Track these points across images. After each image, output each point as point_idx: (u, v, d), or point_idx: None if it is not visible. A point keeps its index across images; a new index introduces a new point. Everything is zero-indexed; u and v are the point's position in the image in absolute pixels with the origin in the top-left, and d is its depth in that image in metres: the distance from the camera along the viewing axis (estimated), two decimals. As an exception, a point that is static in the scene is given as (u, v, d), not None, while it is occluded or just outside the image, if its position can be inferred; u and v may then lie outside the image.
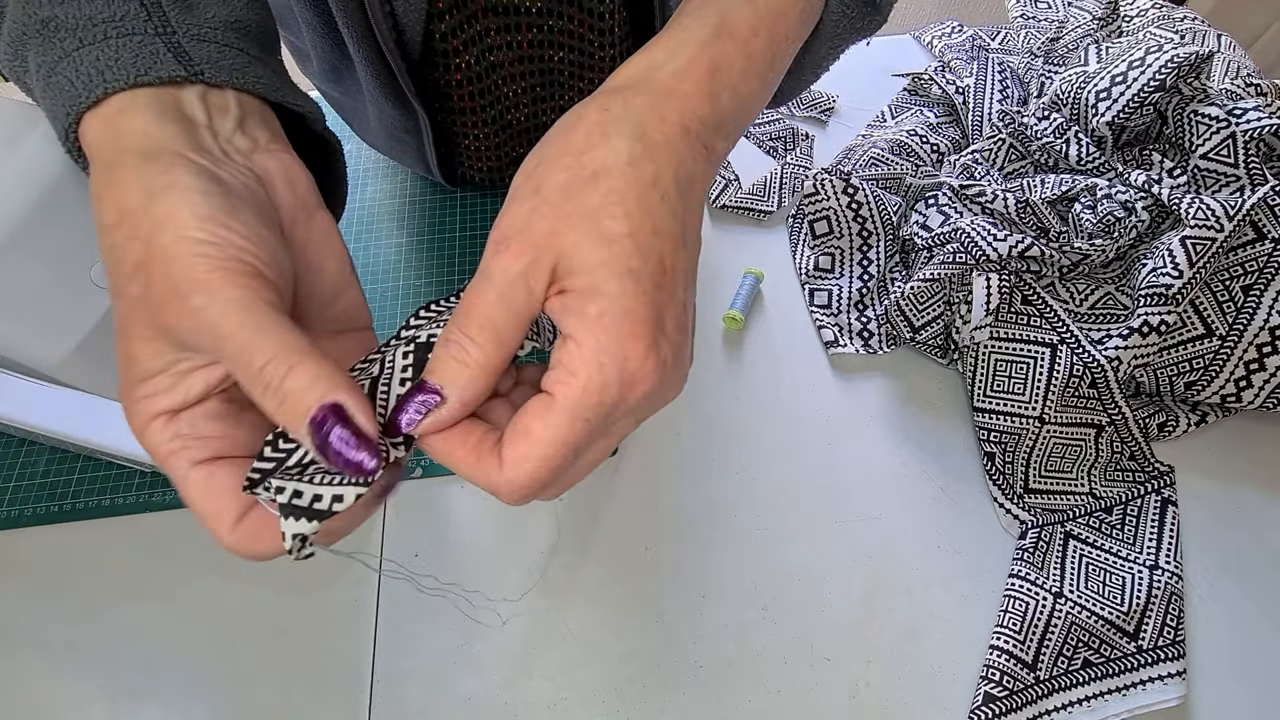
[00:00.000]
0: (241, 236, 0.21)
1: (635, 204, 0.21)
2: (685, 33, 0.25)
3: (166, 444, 0.21)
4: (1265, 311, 0.45)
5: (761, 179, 0.58)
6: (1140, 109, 0.50)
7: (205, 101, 0.24)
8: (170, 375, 0.21)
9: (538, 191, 0.22)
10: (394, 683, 0.40)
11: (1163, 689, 0.39)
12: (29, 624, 0.41)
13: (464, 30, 0.42)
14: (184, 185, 0.21)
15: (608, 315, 0.20)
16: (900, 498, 0.46)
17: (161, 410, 0.21)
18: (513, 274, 0.21)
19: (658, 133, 0.22)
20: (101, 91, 0.22)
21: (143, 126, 0.22)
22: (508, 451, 0.21)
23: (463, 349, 0.21)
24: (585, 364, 0.20)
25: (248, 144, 0.24)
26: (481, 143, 0.50)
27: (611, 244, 0.21)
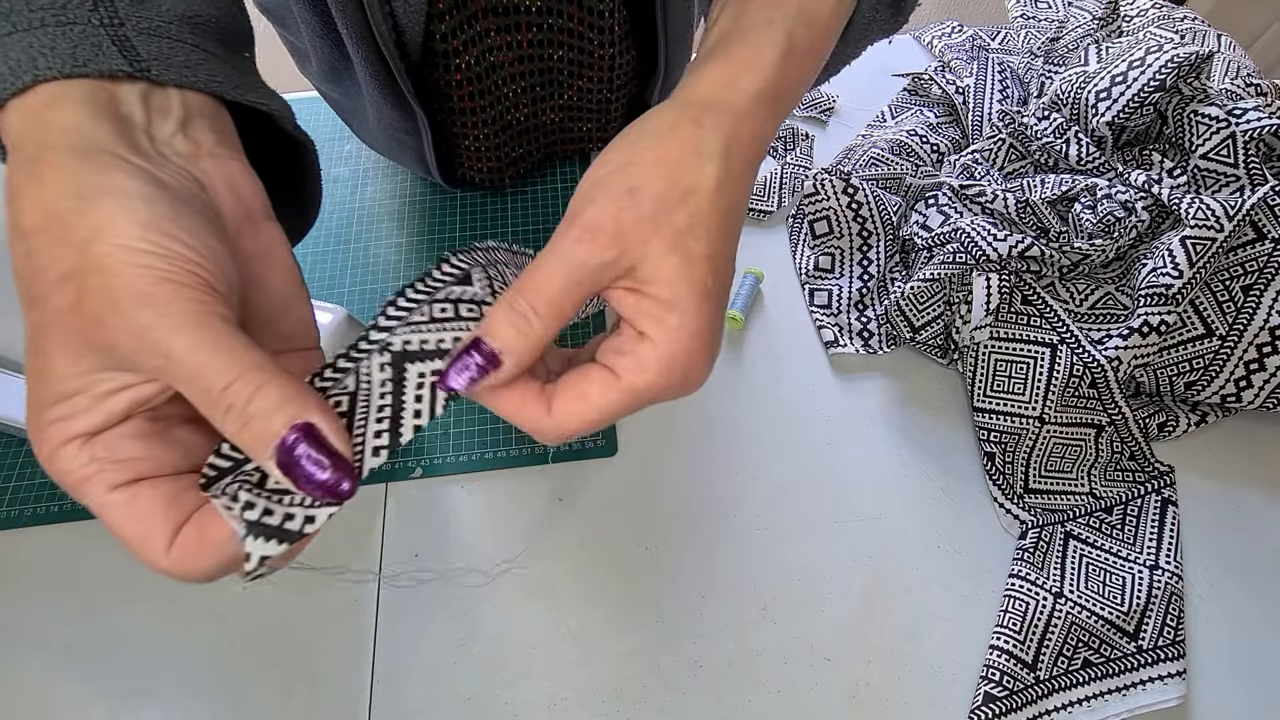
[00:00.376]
0: (187, 246, 0.19)
1: (716, 230, 0.23)
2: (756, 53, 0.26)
3: (81, 469, 0.19)
4: (1265, 311, 0.45)
5: (761, 179, 0.58)
6: (1140, 109, 0.50)
7: (145, 102, 0.22)
8: (90, 395, 0.19)
9: (633, 194, 0.23)
10: (394, 683, 0.40)
11: (1163, 689, 0.39)
12: (29, 624, 0.41)
13: (464, 30, 0.42)
14: (123, 189, 0.19)
15: (685, 328, 0.23)
16: (900, 498, 0.46)
17: (77, 433, 0.19)
18: (593, 265, 0.22)
19: (738, 160, 0.24)
20: (30, 78, 0.20)
21: (74, 122, 0.20)
22: (559, 405, 0.23)
23: (528, 322, 0.22)
24: (657, 364, 0.23)
25: (189, 148, 0.23)
26: (481, 143, 0.50)
27: (694, 264, 0.23)
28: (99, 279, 0.18)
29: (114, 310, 0.18)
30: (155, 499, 0.20)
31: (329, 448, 0.20)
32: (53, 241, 0.19)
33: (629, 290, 0.23)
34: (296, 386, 0.20)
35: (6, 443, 0.46)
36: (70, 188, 0.19)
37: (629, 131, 0.25)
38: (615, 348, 0.24)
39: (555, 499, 0.45)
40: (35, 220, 0.19)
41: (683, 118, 0.24)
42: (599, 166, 0.24)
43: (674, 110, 0.25)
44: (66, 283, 0.19)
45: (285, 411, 0.19)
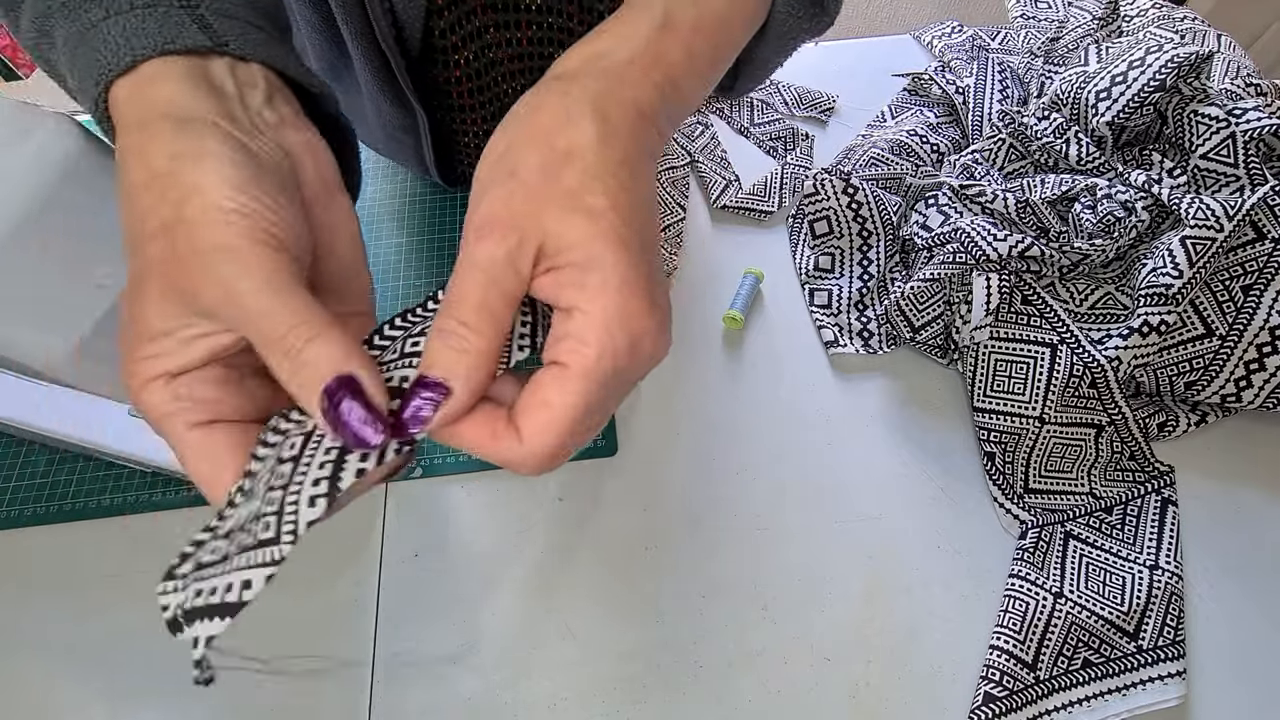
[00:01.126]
0: (269, 209, 0.21)
1: (613, 181, 0.22)
2: (630, 27, 0.26)
3: (165, 405, 0.21)
4: (1265, 311, 0.45)
5: (761, 179, 0.58)
6: (1140, 109, 0.50)
7: (234, 74, 0.24)
8: (176, 339, 0.21)
9: (514, 175, 0.22)
10: (394, 683, 0.40)
11: (1163, 689, 0.39)
12: (29, 624, 0.41)
13: (462, 26, 0.42)
14: (216, 153, 0.21)
15: (609, 284, 0.21)
16: (900, 498, 0.46)
17: (162, 371, 0.21)
18: (500, 257, 0.21)
19: (616, 114, 0.24)
20: (131, 59, 0.22)
21: (173, 94, 0.22)
22: (526, 424, 0.21)
23: (462, 338, 0.21)
24: (595, 331, 0.21)
25: (275, 119, 0.25)
26: (480, 140, 0.50)
27: (598, 218, 0.22)
28: (188, 230, 0.20)
29: (200, 260, 0.20)
30: (226, 442, 0.22)
31: (368, 400, 0.21)
32: (153, 197, 0.21)
33: (545, 272, 0.22)
34: (349, 341, 0.21)
35: (6, 443, 0.46)
36: (170, 150, 0.21)
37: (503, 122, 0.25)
38: (553, 338, 0.22)
39: (555, 499, 0.45)
40: (140, 178, 0.21)
41: (548, 91, 0.24)
42: (481, 163, 0.24)
43: (539, 89, 0.25)
44: (162, 233, 0.21)
45: (334, 361, 0.20)
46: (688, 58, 0.27)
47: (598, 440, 0.47)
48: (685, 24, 0.26)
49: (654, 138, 0.25)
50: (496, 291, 0.21)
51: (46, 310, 0.31)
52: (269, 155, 0.23)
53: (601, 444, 0.47)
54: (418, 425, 0.21)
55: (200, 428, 0.22)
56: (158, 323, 0.21)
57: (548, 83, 0.25)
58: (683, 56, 0.26)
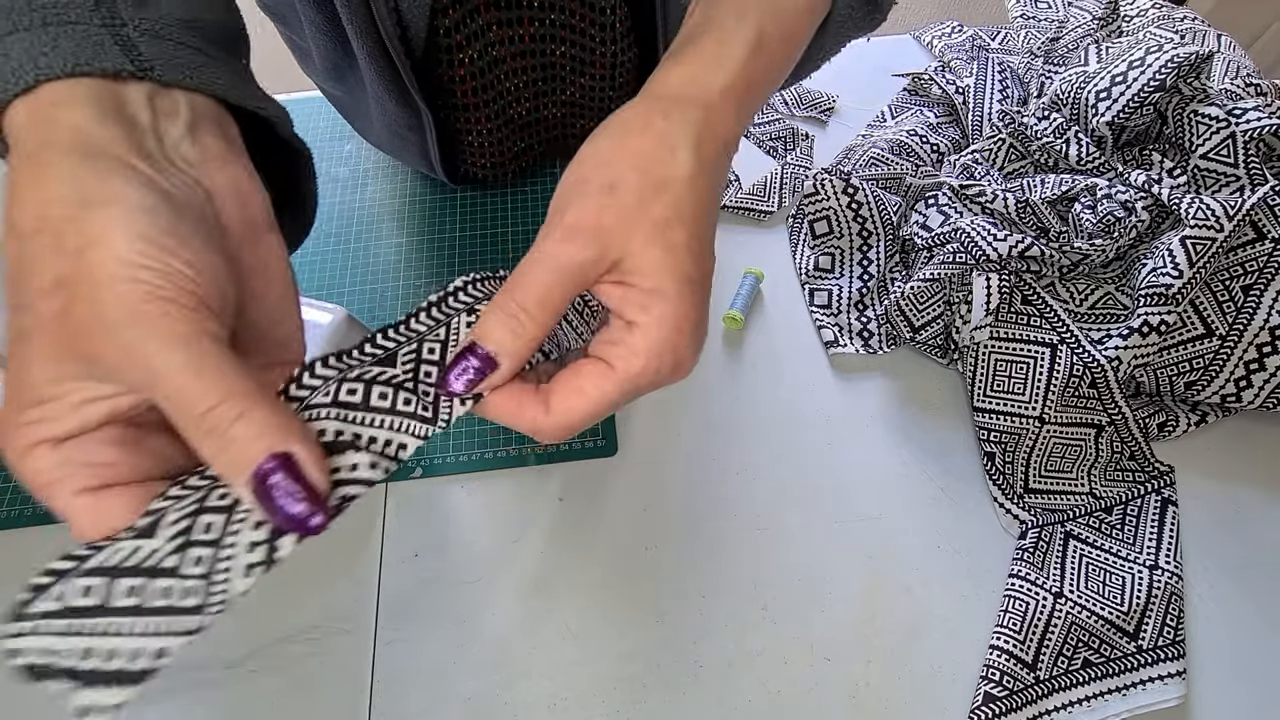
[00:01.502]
0: (185, 262, 0.19)
1: (692, 217, 0.24)
2: (726, 47, 0.26)
3: (50, 471, 0.19)
4: (1265, 311, 0.45)
5: (761, 179, 0.58)
6: (1140, 109, 0.50)
7: (152, 103, 0.22)
8: (65, 404, 0.19)
9: (611, 191, 0.24)
10: (394, 683, 0.40)
11: (1163, 689, 0.39)
12: (29, 624, 0.41)
13: (467, 25, 0.42)
14: (123, 198, 0.19)
15: (670, 315, 0.24)
16: (900, 498, 0.46)
17: (46, 437, 0.19)
18: (578, 263, 0.23)
19: (709, 149, 0.25)
20: (33, 78, 0.20)
21: (79, 122, 0.20)
22: (557, 401, 0.24)
23: (520, 322, 0.23)
24: (648, 350, 0.24)
25: (196, 153, 0.22)
26: (484, 138, 0.50)
27: (675, 252, 0.24)
28: (89, 290, 0.18)
29: (101, 323, 0.18)
30: (120, 505, 0.20)
31: (305, 480, 0.19)
32: (47, 247, 0.18)
33: (615, 284, 0.24)
34: (281, 415, 0.19)
35: (6, 443, 0.46)
36: (70, 191, 0.19)
37: (601, 130, 0.26)
38: (606, 339, 0.25)
39: (555, 499, 0.45)
40: (31, 223, 0.19)
41: (652, 112, 0.25)
42: (575, 167, 0.25)
43: (643, 105, 0.26)
44: (57, 290, 0.18)
45: (266, 440, 0.19)
46: (769, 73, 0.28)
47: (598, 440, 0.47)
48: (773, 42, 0.27)
49: (728, 165, 0.27)
50: (562, 290, 0.23)
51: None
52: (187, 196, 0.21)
53: (601, 444, 0.47)
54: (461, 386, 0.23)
55: (89, 494, 0.20)
56: (46, 387, 0.19)
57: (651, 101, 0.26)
58: (765, 73, 0.27)
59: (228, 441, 0.19)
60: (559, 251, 0.23)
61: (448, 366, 0.23)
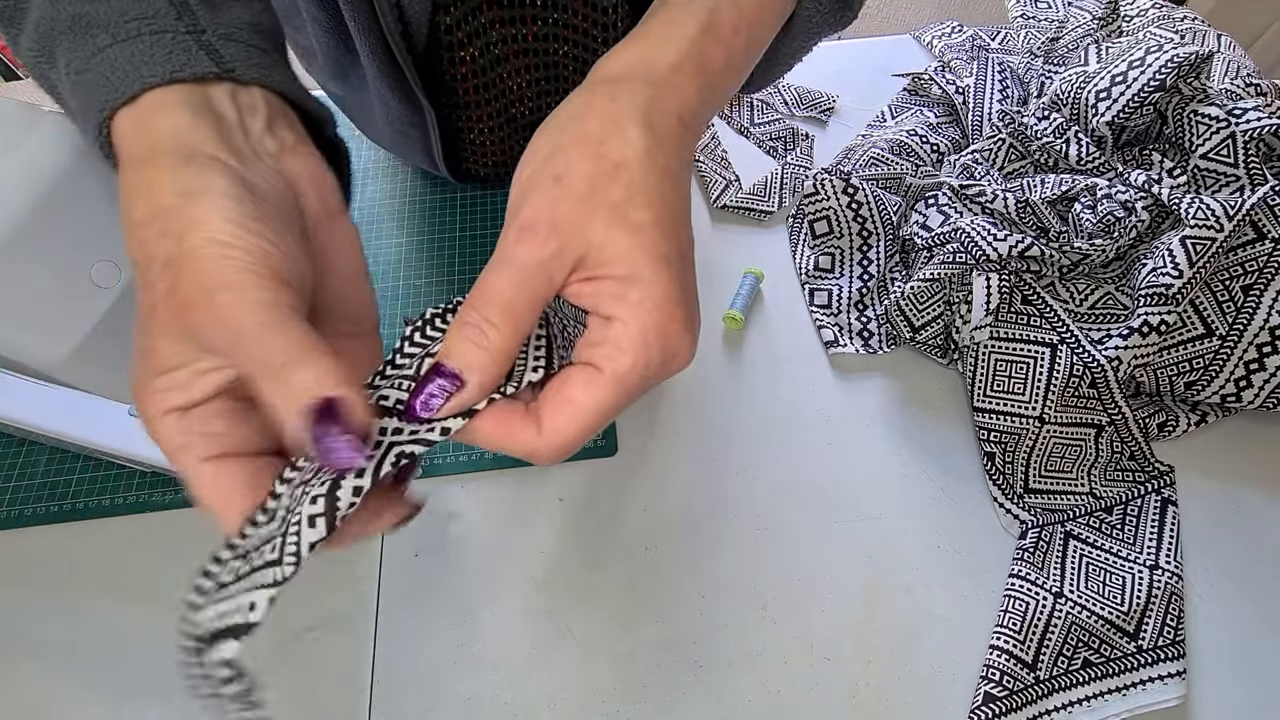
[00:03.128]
0: (268, 242, 0.21)
1: (656, 193, 0.23)
2: (676, 28, 0.26)
3: (179, 438, 0.22)
4: (1265, 311, 0.45)
5: (761, 179, 0.58)
6: (1140, 109, 0.50)
7: (235, 100, 0.24)
8: (187, 372, 0.22)
9: (560, 181, 0.23)
10: (394, 683, 0.40)
11: (1163, 689, 0.39)
12: (29, 624, 0.41)
13: (468, 23, 0.42)
14: (216, 189, 0.21)
15: (650, 299, 0.22)
16: (900, 498, 0.46)
17: (175, 406, 0.22)
18: (536, 262, 0.22)
19: (661, 124, 0.24)
20: (138, 87, 0.23)
21: (176, 126, 0.22)
22: (549, 418, 0.23)
23: (482, 334, 0.22)
24: (633, 343, 0.22)
25: (276, 145, 0.25)
26: (486, 137, 0.50)
27: (642, 233, 0.22)
28: (191, 266, 0.21)
29: (201, 293, 0.20)
30: (237, 476, 0.22)
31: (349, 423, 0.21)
32: (158, 233, 0.21)
33: (585, 280, 0.23)
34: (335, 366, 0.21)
35: (6, 442, 0.46)
36: (173, 186, 0.21)
37: (546, 122, 0.25)
38: (587, 341, 0.23)
39: (555, 499, 0.45)
40: (145, 214, 0.21)
41: (595, 95, 0.25)
42: (524, 164, 0.24)
43: (586, 91, 0.25)
44: (167, 269, 0.21)
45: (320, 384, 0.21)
46: (727, 58, 0.27)
47: (598, 440, 0.47)
48: (726, 25, 0.26)
49: (689, 141, 0.26)
50: (527, 294, 0.22)
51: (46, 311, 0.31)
52: (269, 186, 0.23)
53: (601, 444, 0.47)
54: (428, 411, 0.22)
55: (212, 461, 0.22)
56: (170, 358, 0.21)
57: (594, 86, 0.25)
58: (723, 58, 0.27)
59: (286, 386, 0.21)
60: (515, 253, 0.22)
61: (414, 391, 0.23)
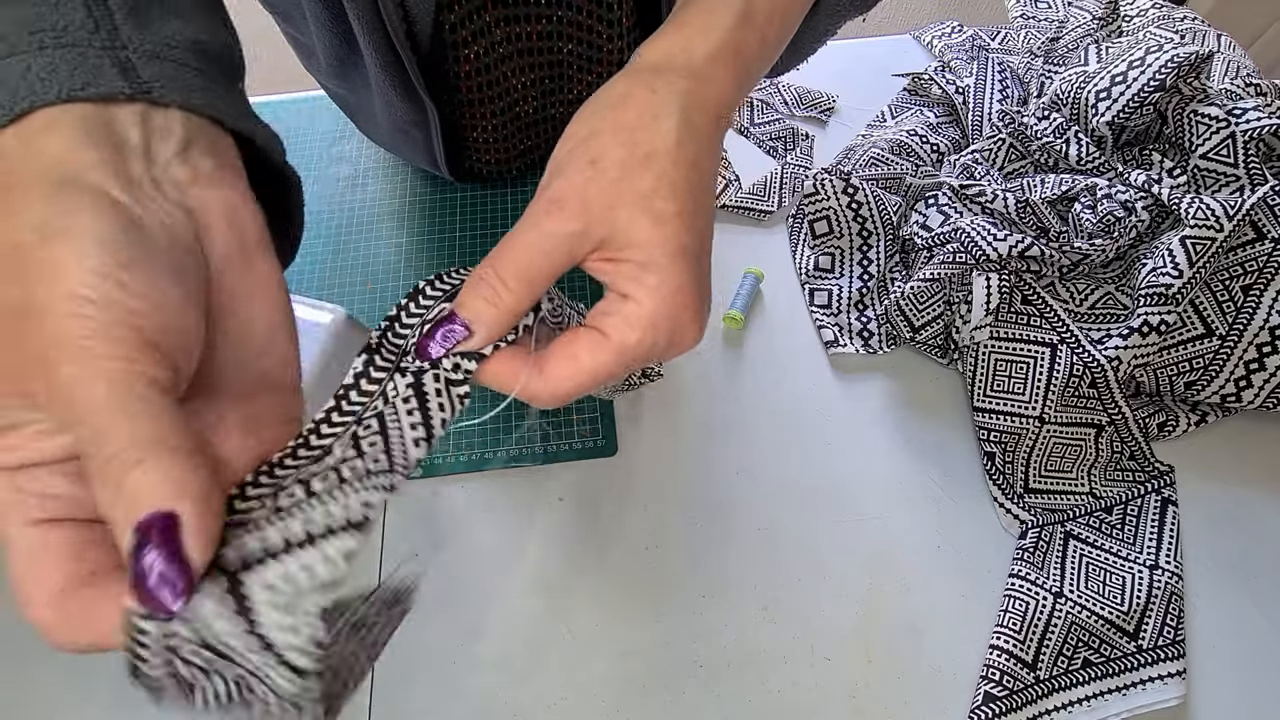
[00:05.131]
0: (136, 296, 0.18)
1: (683, 185, 0.24)
2: (714, 16, 0.26)
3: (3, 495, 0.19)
4: (1265, 311, 0.45)
5: (761, 179, 0.58)
6: (1140, 109, 0.50)
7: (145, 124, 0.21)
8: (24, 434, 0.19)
9: (595, 164, 0.23)
10: (394, 683, 0.40)
11: (1162, 689, 0.39)
12: (29, 624, 0.41)
13: (472, 21, 0.42)
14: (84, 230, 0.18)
15: (665, 286, 0.23)
16: (900, 498, 0.46)
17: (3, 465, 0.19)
18: (561, 235, 0.23)
19: (698, 117, 0.25)
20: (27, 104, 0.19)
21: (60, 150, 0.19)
22: (551, 367, 0.24)
23: (496, 293, 0.23)
24: (643, 322, 0.23)
25: (187, 174, 0.21)
26: (490, 135, 0.50)
27: (665, 223, 0.23)
28: (35, 320, 0.18)
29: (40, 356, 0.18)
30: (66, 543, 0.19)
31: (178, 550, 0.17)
32: (6, 276, 0.18)
33: (605, 259, 0.24)
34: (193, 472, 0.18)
35: (6, 442, 0.46)
36: (33, 221, 0.18)
37: (587, 105, 0.25)
38: (601, 310, 0.24)
39: (555, 499, 0.45)
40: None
41: (636, 84, 0.25)
42: (563, 143, 0.25)
43: (627, 79, 0.25)
44: (7, 319, 0.18)
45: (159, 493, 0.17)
46: (761, 46, 0.27)
47: (598, 440, 0.47)
48: (761, 13, 0.27)
49: (723, 134, 0.26)
50: (545, 263, 0.23)
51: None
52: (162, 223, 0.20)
53: (602, 444, 0.47)
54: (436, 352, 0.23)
55: (39, 525, 0.19)
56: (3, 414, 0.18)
57: (635, 74, 0.25)
58: (757, 46, 0.27)
59: (119, 492, 0.17)
60: (542, 223, 0.23)
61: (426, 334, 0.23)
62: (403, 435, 0.22)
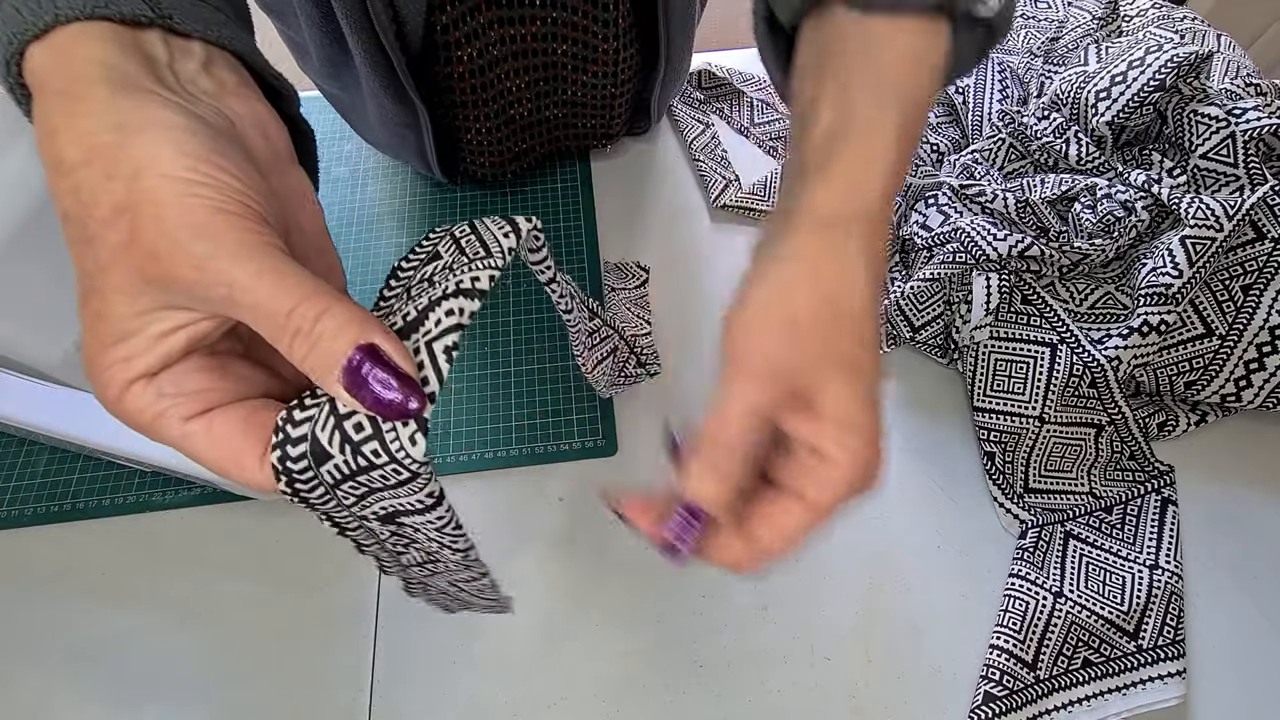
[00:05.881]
0: (235, 177, 0.19)
1: (871, 339, 0.24)
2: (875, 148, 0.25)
3: (153, 406, 0.20)
4: (1265, 311, 0.45)
5: (762, 179, 0.58)
6: (1140, 109, 0.50)
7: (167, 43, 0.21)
8: (148, 335, 0.19)
9: (795, 327, 0.23)
10: (394, 683, 0.40)
11: (1162, 688, 0.39)
12: (28, 624, 0.41)
13: (465, 23, 0.42)
14: (164, 121, 0.19)
15: (865, 443, 0.24)
16: (900, 498, 0.46)
17: (138, 374, 0.19)
18: (765, 402, 0.24)
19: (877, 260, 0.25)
20: (52, 18, 0.20)
21: (102, 57, 0.20)
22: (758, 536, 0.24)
23: (719, 471, 0.24)
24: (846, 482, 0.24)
25: (214, 86, 0.22)
26: (483, 137, 0.50)
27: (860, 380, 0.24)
28: (152, 210, 0.18)
29: (171, 243, 0.18)
30: (231, 422, 0.20)
31: (394, 367, 0.19)
32: (100, 175, 0.18)
33: (805, 418, 0.24)
34: (359, 310, 0.19)
35: (6, 443, 0.46)
36: (109, 120, 0.19)
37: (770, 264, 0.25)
38: (798, 471, 0.25)
39: (555, 499, 0.45)
40: (78, 154, 0.19)
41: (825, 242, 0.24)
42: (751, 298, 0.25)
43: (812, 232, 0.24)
44: (119, 217, 0.18)
45: (350, 332, 0.19)
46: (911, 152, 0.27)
47: (598, 440, 0.47)
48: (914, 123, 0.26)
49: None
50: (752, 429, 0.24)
51: (46, 310, 0.31)
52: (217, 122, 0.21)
53: (602, 444, 0.47)
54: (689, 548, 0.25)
55: (198, 419, 0.20)
56: (128, 321, 0.19)
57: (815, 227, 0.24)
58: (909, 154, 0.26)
59: (315, 338, 0.19)
60: (746, 393, 0.24)
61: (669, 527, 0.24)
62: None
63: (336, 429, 0.20)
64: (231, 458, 0.20)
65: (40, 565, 0.43)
